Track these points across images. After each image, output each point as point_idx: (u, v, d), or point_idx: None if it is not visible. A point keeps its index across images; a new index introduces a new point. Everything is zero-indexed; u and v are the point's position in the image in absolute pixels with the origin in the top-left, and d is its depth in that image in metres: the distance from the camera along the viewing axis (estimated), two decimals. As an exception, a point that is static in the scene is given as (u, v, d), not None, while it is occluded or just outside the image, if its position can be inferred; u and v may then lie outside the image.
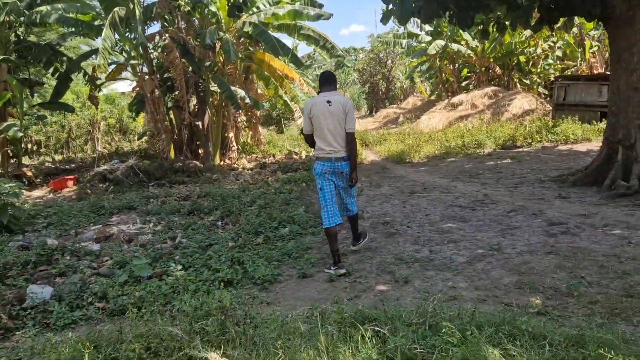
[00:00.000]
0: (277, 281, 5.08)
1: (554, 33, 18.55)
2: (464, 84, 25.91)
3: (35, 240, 6.90)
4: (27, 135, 18.43)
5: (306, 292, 4.80)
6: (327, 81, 5.38)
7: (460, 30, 21.20)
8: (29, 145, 18.44)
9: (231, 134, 15.04)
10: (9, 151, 13.51)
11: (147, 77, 13.55)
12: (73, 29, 13.98)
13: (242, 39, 14.81)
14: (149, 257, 5.68)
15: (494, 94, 20.02)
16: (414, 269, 5.17)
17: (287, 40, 16.16)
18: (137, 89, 14.30)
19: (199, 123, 14.79)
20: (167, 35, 13.42)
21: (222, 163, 14.44)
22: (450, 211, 7.55)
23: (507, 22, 10.18)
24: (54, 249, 6.18)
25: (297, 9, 13.25)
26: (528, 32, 20.58)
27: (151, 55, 14.31)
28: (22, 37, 14.04)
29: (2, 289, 4.97)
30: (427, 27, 22.77)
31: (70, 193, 11.48)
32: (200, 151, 15.11)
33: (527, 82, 23.22)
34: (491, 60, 22.85)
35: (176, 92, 14.15)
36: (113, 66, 15.81)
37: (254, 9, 13.71)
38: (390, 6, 8.97)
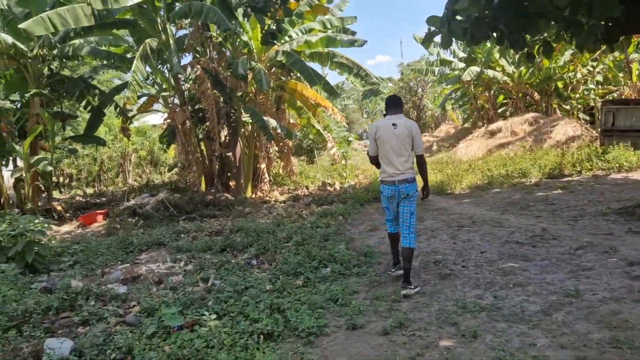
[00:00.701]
0: (324, 333, 4.45)
1: (598, 56, 17.79)
2: (500, 110, 25.15)
3: (59, 281, 6.45)
4: (59, 169, 18.42)
5: (358, 347, 4.16)
6: (393, 104, 5.54)
7: (497, 56, 20.63)
8: (61, 179, 18.43)
9: (263, 165, 14.62)
10: (40, 185, 13.34)
11: (178, 108, 13.31)
12: (105, 62, 13.93)
13: (274, 68, 14.53)
14: (179, 303, 5.12)
15: (534, 120, 19.20)
16: (481, 319, 4.48)
17: (317, 70, 15.75)
18: (169, 120, 14.08)
19: (230, 154, 14.44)
20: (198, 66, 13.22)
21: (253, 195, 13.97)
22: (508, 248, 6.82)
23: (553, 44, 9.56)
24: (78, 293, 5.69)
25: (331, 35, 12.91)
26: (567, 57, 19.85)
27: (183, 86, 14.11)
28: (55, 71, 14.03)
29: (19, 340, 4.48)
30: (461, 54, 22.26)
31: (99, 228, 11.13)
32: (231, 183, 14.71)
33: (567, 107, 22.33)
34: (528, 86, 22.11)
35: (207, 123, 13.86)
36: (144, 98, 15.71)
37: (286, 38, 13.44)
38: (433, 28, 8.46)
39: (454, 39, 8.57)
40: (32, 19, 10.05)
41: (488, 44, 19.70)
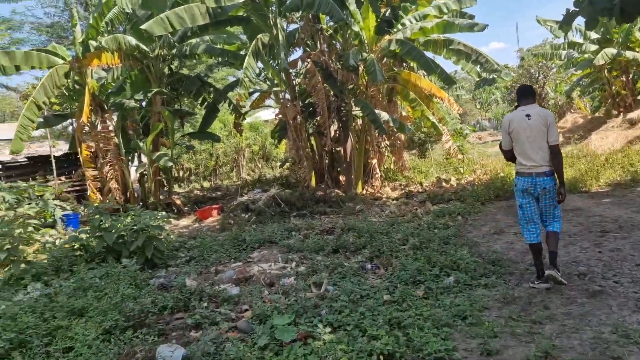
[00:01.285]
0: (453, 358, 3.86)
1: None
2: (640, 97, 22.29)
3: (174, 278, 6.49)
4: (179, 164, 19.38)
5: (496, 380, 3.52)
6: (525, 95, 5.25)
7: (638, 35, 18.24)
8: (180, 173, 19.37)
9: (374, 160, 14.12)
10: (161, 180, 14.00)
11: (289, 103, 13.24)
12: (219, 59, 14.25)
13: (385, 59, 13.94)
14: (291, 310, 4.82)
15: (686, 107, 16.67)
16: (652, 354, 3.62)
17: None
18: (280, 115, 14.10)
19: (340, 149, 14.15)
20: (309, 60, 13.03)
21: (364, 191, 13.54)
22: (672, 261, 5.70)
23: None
24: (192, 292, 5.63)
25: (449, 20, 12.02)
26: None
27: (294, 81, 14.04)
28: (175, 70, 14.63)
29: (134, 342, 4.43)
30: (593, 35, 20.01)
31: (214, 223, 11.36)
32: (341, 178, 14.41)
33: None
34: (676, 68, 19.30)
35: (318, 118, 13.67)
36: (257, 94, 15.92)
37: (399, 26, 12.77)
38: (573, 9, 7.41)
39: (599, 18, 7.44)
40: (152, 20, 10.42)
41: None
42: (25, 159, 19.30)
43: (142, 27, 10.37)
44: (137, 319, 4.92)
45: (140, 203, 13.51)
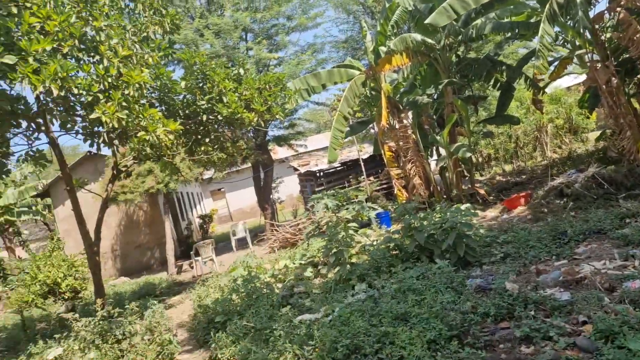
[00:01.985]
0: None
1: None
2: None
3: (491, 279, 6.08)
4: (477, 151, 18.82)
5: None
6: None
7: None
8: (479, 159, 18.80)
9: None
10: (462, 171, 13.74)
11: (599, 65, 11.26)
12: (509, 34, 13.18)
13: None
14: (646, 326, 3.86)
15: None
16: None
17: None
18: (588, 81, 12.14)
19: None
20: (619, 8, 10.82)
21: None
22: None
23: None
24: (515, 298, 5.12)
25: None
26: None
27: (602, 38, 11.92)
28: (462, 56, 14.20)
29: (462, 356, 4.20)
30: None
31: (524, 212, 10.46)
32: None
33: None
34: None
35: (638, 76, 11.25)
36: (556, 63, 14.16)
37: None
38: None
39: None
40: (435, 12, 10.24)
41: None
42: (339, 165, 21.72)
43: (427, 21, 10.29)
44: (459, 328, 4.71)
45: (444, 196, 13.53)
